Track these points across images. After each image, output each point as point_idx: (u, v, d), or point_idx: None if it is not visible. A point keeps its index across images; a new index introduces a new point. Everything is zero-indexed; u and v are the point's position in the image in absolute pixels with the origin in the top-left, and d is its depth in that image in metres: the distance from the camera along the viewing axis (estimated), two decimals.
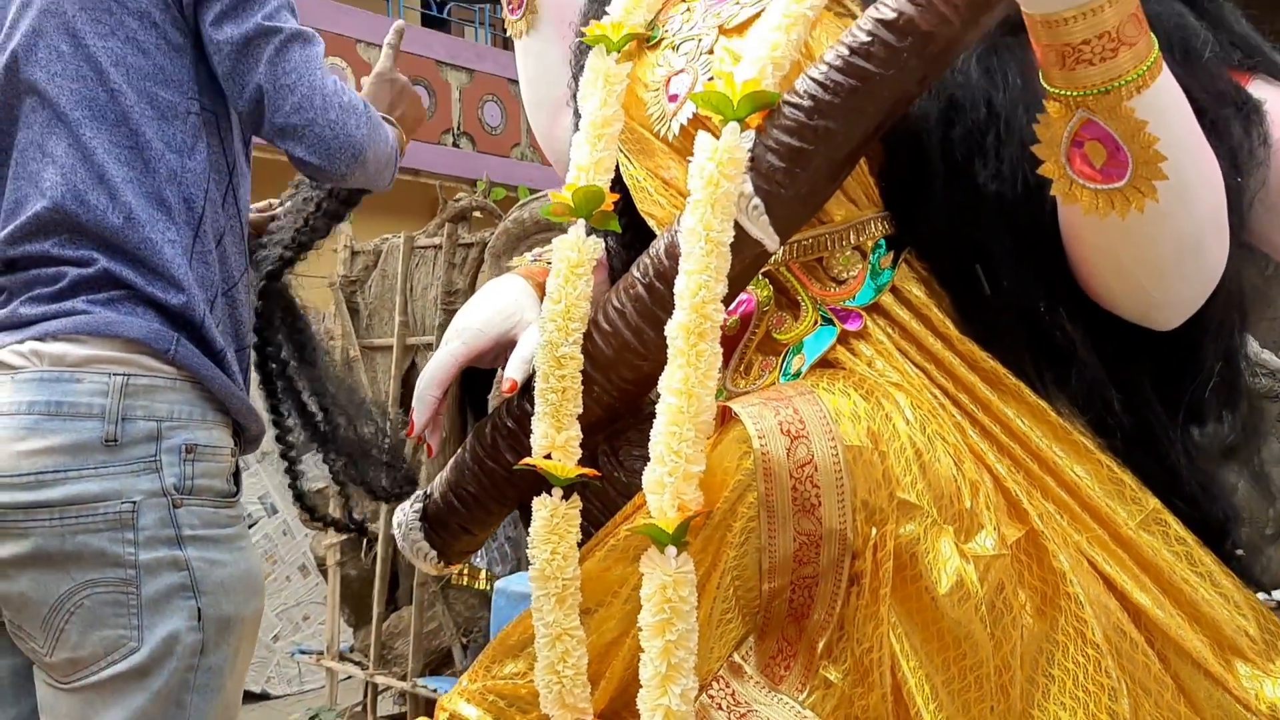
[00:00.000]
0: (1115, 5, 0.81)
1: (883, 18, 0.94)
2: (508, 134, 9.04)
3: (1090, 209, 0.89)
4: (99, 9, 1.33)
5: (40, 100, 1.33)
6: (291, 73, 1.35)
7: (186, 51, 1.37)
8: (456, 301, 3.40)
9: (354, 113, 1.39)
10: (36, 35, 1.33)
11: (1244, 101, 1.03)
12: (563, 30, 1.59)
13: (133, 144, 1.32)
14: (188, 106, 1.37)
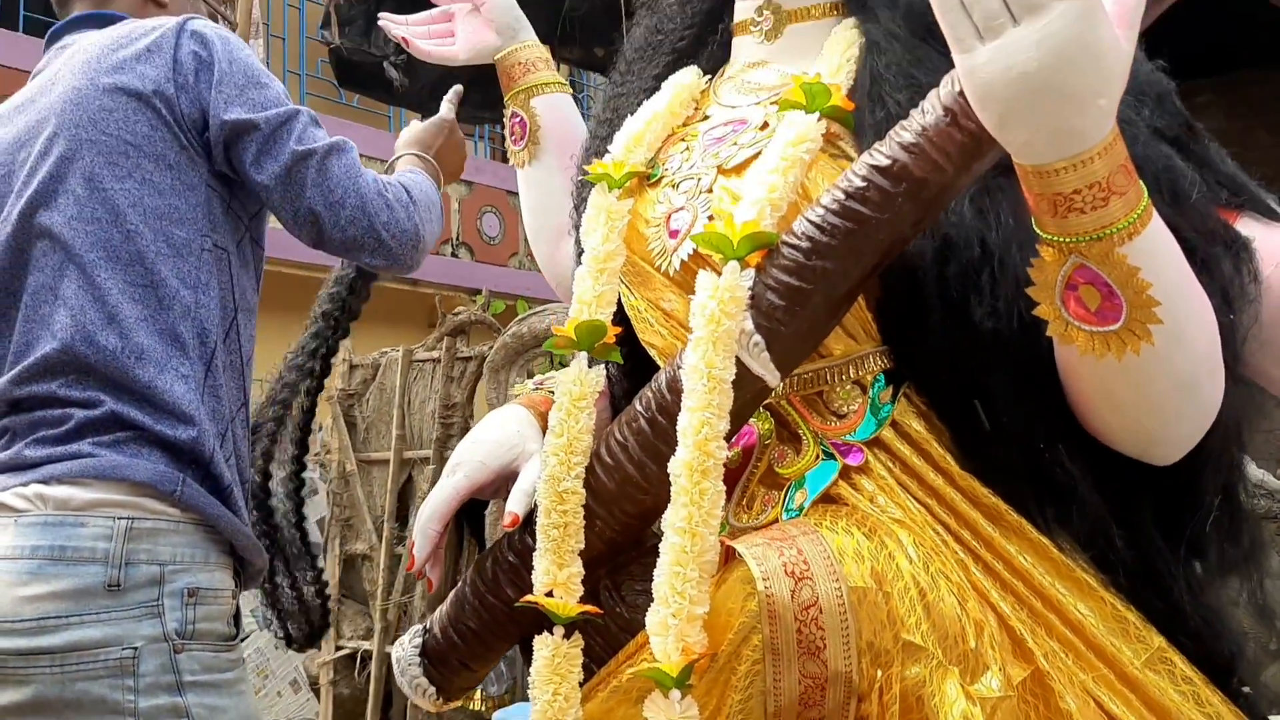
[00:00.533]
0: (1105, 157, 0.83)
1: (877, 164, 0.96)
2: (506, 244, 9.16)
3: (1087, 350, 0.90)
4: (116, 152, 1.36)
5: (54, 244, 1.35)
6: (338, 188, 1.41)
7: (200, 190, 1.41)
8: (454, 415, 3.41)
9: (401, 205, 1.46)
10: (55, 181, 1.37)
11: (1233, 239, 1.05)
12: (564, 160, 1.63)
13: (147, 282, 1.34)
14: (201, 244, 1.39)
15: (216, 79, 1.41)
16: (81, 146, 1.37)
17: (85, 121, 1.37)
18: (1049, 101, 0.81)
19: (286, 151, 1.40)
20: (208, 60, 1.42)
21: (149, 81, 1.39)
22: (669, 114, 1.29)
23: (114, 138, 1.37)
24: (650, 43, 1.39)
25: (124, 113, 1.38)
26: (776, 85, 1.24)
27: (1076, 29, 0.79)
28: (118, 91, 1.39)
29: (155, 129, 1.38)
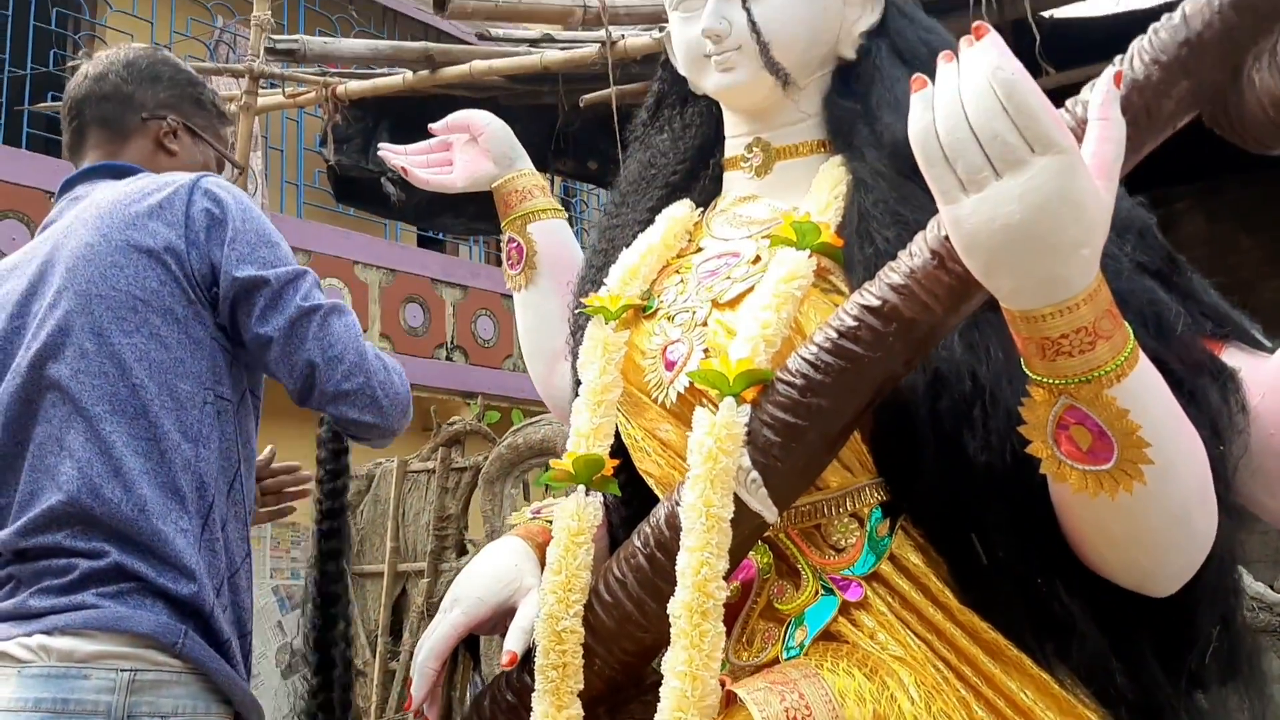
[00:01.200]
0: (1090, 303, 0.85)
1: (868, 304, 0.98)
2: (500, 347, 9.20)
3: (1080, 488, 0.91)
4: (125, 307, 1.39)
5: (62, 396, 1.37)
6: (338, 343, 1.44)
7: (205, 344, 1.43)
8: (449, 528, 3.40)
9: (395, 372, 1.50)
10: (64, 334, 1.39)
11: (1219, 370, 1.06)
12: (559, 284, 1.66)
13: (151, 435, 1.36)
14: (204, 396, 1.41)
15: (230, 237, 1.44)
16: (91, 301, 1.39)
17: (96, 276, 1.40)
18: (1033, 252, 0.83)
19: (292, 306, 1.43)
20: (220, 218, 1.45)
21: (160, 238, 1.42)
22: (663, 246, 1.32)
23: (123, 293, 1.39)
24: (644, 176, 1.43)
25: (134, 268, 1.41)
26: (767, 219, 1.27)
27: (1057, 183, 0.81)
28: (129, 247, 1.41)
29: (164, 284, 1.41)
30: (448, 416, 4.15)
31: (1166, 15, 0.89)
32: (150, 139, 1.64)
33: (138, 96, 1.63)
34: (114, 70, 1.64)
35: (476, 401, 4.32)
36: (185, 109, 1.67)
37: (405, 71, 2.97)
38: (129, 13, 7.03)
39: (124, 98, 1.62)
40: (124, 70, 1.64)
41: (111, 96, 1.62)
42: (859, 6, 1.28)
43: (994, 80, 0.82)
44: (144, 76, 1.65)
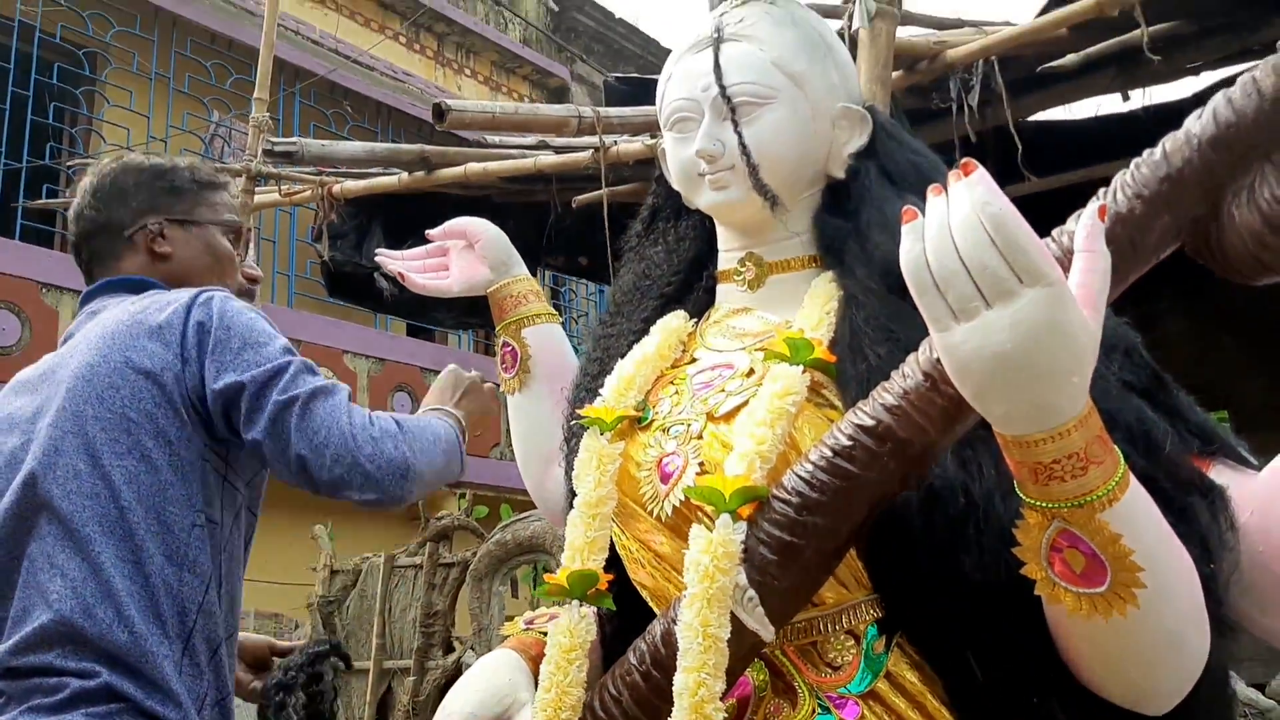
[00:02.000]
0: (1081, 429, 0.87)
1: (862, 424, 1.00)
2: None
3: (1075, 610, 0.92)
4: (118, 428, 1.40)
5: (54, 515, 1.38)
6: (320, 430, 1.44)
7: (196, 466, 1.44)
8: (436, 624, 3.36)
9: (388, 437, 1.48)
10: (56, 454, 1.40)
11: (1208, 488, 1.08)
12: (553, 389, 1.67)
13: (136, 558, 1.37)
14: (192, 519, 1.42)
15: (211, 346, 1.46)
16: (86, 421, 1.41)
17: (93, 397, 1.42)
18: (1024, 380, 0.85)
19: (270, 403, 1.44)
20: (207, 329, 1.47)
21: (157, 359, 1.44)
22: (658, 357, 1.34)
23: (118, 414, 1.41)
24: (639, 287, 1.45)
25: (130, 390, 1.42)
26: (760, 332, 1.29)
27: (1047, 313, 0.84)
28: (127, 368, 1.43)
29: (159, 406, 1.43)
30: (436, 509, 4.13)
31: (1148, 151, 0.92)
32: (142, 251, 1.66)
33: (113, 219, 1.65)
34: (85, 205, 1.67)
35: (465, 496, 4.31)
36: (162, 205, 1.67)
37: (401, 172, 3.02)
38: (126, 107, 7.14)
39: (101, 226, 1.65)
40: (92, 200, 1.66)
41: (93, 232, 1.65)
42: (848, 129, 1.31)
43: (983, 214, 0.84)
44: (111, 197, 1.66)
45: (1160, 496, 0.98)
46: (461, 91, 10.30)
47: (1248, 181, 0.88)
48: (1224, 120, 0.89)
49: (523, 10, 11.24)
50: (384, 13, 9.81)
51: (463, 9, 10.44)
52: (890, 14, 1.72)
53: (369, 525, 7.25)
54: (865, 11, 1.71)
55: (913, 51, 2.22)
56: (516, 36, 11.05)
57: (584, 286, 10.22)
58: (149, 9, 7.54)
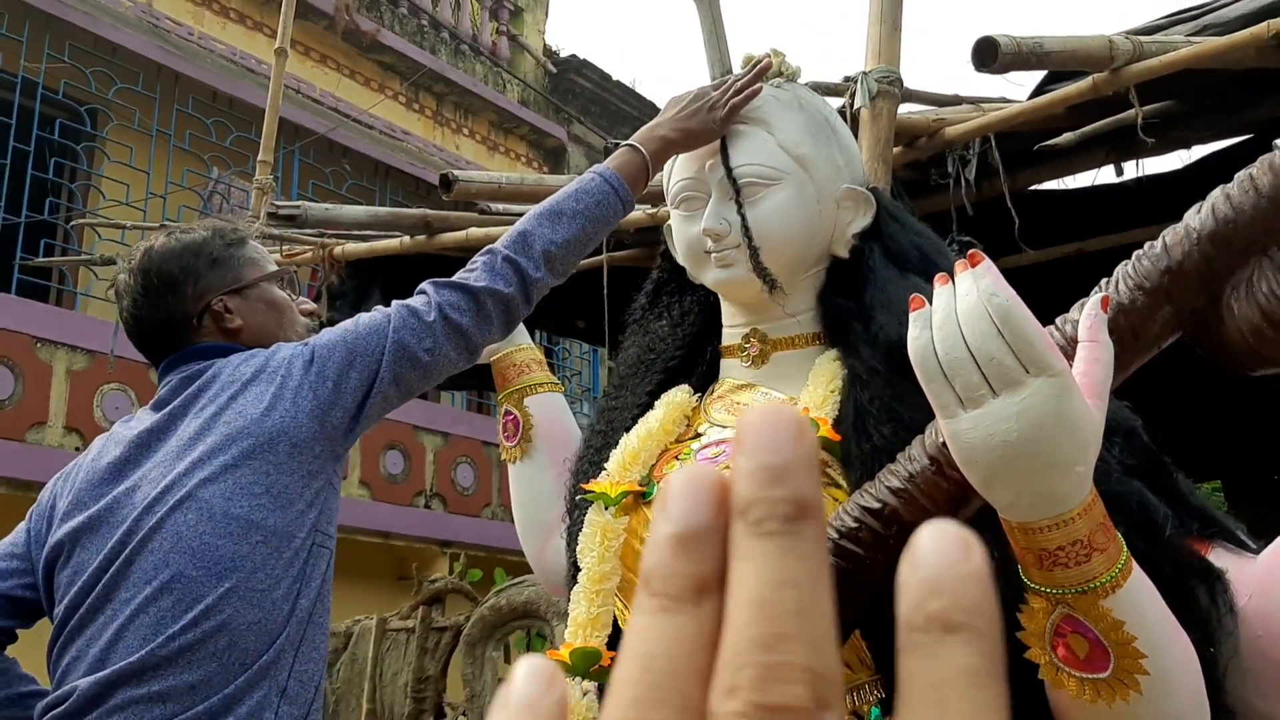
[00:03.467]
0: (1085, 517, 0.89)
1: (868, 506, 1.01)
2: (479, 494, 9.15)
3: (1078, 695, 0.92)
4: (260, 450, 1.50)
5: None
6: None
7: (323, 486, 1.54)
8: (427, 690, 3.32)
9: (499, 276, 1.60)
10: (199, 481, 1.47)
11: (1208, 572, 1.09)
12: (555, 458, 1.68)
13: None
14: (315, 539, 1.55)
15: (316, 378, 1.54)
16: (230, 446, 1.48)
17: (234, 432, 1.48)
18: (1030, 468, 0.87)
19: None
20: (319, 357, 1.55)
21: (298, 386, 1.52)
22: (662, 431, 1.35)
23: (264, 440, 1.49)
24: (643, 360, 1.47)
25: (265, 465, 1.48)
26: None
27: (1052, 403, 0.86)
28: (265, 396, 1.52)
29: (279, 467, 1.48)
30: (428, 570, 4.10)
31: (1149, 244, 0.95)
32: (213, 330, 1.67)
33: (175, 312, 1.65)
34: (141, 307, 1.66)
35: (459, 558, 4.29)
36: (213, 280, 1.68)
37: (402, 235, 3.05)
38: (125, 163, 7.20)
39: (165, 323, 1.65)
40: (143, 298, 1.65)
41: (157, 330, 1.66)
42: (852, 209, 1.34)
43: (989, 305, 0.87)
44: (163, 292, 1.65)
45: (1160, 579, 0.99)
46: (460, 151, 10.40)
47: (1246, 275, 0.90)
48: (1223, 216, 0.91)
49: (521, 71, 11.39)
50: (384, 73, 9.94)
51: (462, 70, 10.57)
52: (891, 94, 1.75)
53: (360, 587, 7.19)
54: (867, 91, 1.75)
55: (912, 128, 2.27)
56: (515, 97, 11.18)
57: (578, 346, 10.25)
58: (152, 67, 7.63)
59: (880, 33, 1.82)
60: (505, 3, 11.25)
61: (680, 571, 0.27)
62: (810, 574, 0.27)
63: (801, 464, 0.27)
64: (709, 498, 0.28)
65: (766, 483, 0.27)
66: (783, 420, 0.28)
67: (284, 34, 3.30)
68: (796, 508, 0.27)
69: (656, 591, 0.27)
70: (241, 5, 9.04)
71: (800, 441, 0.28)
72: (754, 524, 0.27)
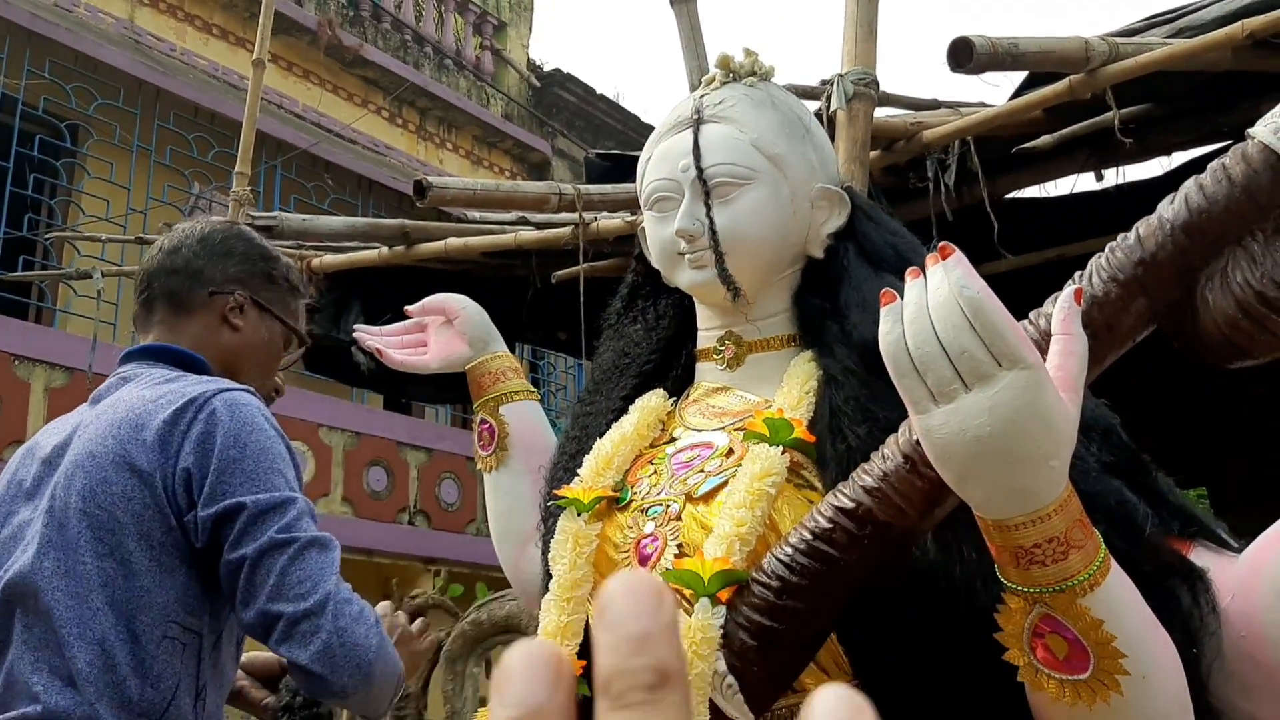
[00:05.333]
0: (1061, 513, 0.87)
1: (842, 506, 0.99)
2: (463, 511, 9.11)
3: (1058, 697, 0.91)
4: (104, 528, 1.38)
5: (39, 610, 1.37)
6: (305, 581, 1.35)
7: (177, 574, 1.40)
8: (408, 707, 3.28)
9: (364, 621, 1.37)
10: (47, 547, 1.39)
11: (1189, 571, 1.07)
12: (531, 466, 1.66)
13: (104, 664, 1.35)
14: (164, 630, 1.38)
15: (217, 462, 1.40)
16: (75, 516, 1.38)
17: (86, 491, 1.39)
18: (1003, 464, 0.85)
19: (264, 537, 1.36)
20: (211, 441, 1.41)
21: (153, 461, 1.39)
22: (636, 436, 1.33)
23: (106, 513, 1.37)
24: (618, 365, 1.45)
25: (121, 488, 1.38)
26: (739, 411, 1.28)
27: (1025, 397, 0.84)
28: (123, 465, 1.39)
29: (147, 508, 1.38)
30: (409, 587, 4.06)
31: (1122, 235, 0.93)
32: (215, 314, 1.63)
33: (207, 271, 1.63)
34: (187, 245, 1.65)
35: (440, 574, 4.25)
36: (254, 284, 1.67)
37: (380, 246, 3.03)
38: (106, 179, 7.16)
39: (194, 272, 1.63)
40: (197, 245, 1.65)
41: (182, 270, 1.62)
42: (827, 209, 1.32)
43: (961, 298, 0.85)
44: (216, 251, 1.65)
45: (1141, 579, 0.97)
46: (443, 165, 10.39)
47: (1220, 266, 0.89)
48: (1196, 206, 0.90)
49: (505, 86, 11.39)
50: (367, 88, 9.92)
51: (445, 84, 10.56)
52: (868, 96, 1.74)
53: None
54: (843, 93, 1.74)
55: (890, 132, 2.26)
56: (498, 111, 11.18)
57: (562, 360, 10.23)
58: (133, 82, 7.60)
59: (856, 35, 1.81)
60: (489, 17, 11.26)
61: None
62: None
63: (663, 631, 0.27)
64: (545, 677, 0.28)
65: (628, 654, 0.27)
66: (642, 589, 0.28)
67: (262, 46, 3.28)
68: (658, 675, 0.27)
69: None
70: (224, 21, 9.02)
71: (660, 610, 0.28)
72: (615, 697, 0.27)
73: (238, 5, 8.96)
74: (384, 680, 1.37)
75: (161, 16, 8.59)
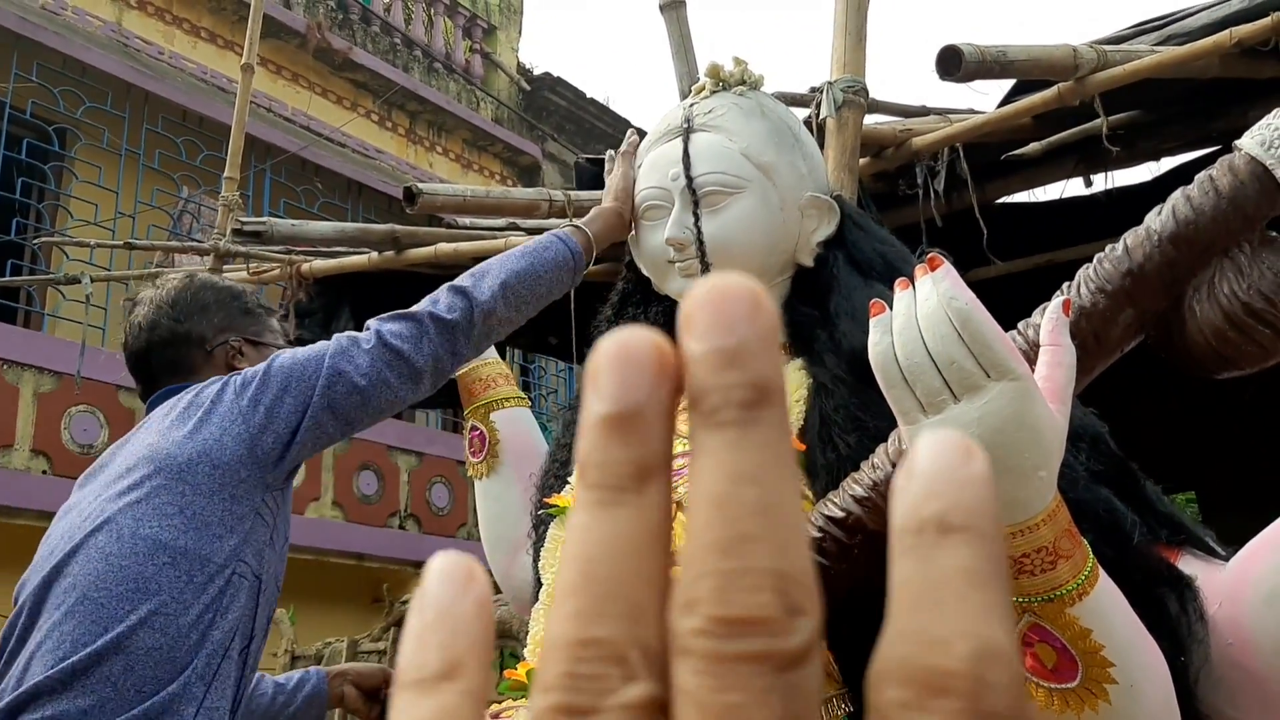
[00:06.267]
0: (1049, 523, 0.87)
1: (832, 515, 0.99)
2: (454, 515, 9.09)
3: (1046, 706, 0.91)
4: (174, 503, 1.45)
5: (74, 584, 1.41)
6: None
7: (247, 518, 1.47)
8: None
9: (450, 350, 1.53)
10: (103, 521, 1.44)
11: (1177, 579, 1.08)
12: (522, 473, 1.66)
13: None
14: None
15: (254, 393, 1.50)
16: (144, 494, 1.45)
17: (155, 472, 1.46)
18: (992, 474, 0.85)
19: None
20: (248, 382, 1.52)
21: (213, 428, 1.48)
22: None
23: (178, 491, 1.44)
24: None
25: (187, 459, 1.46)
26: None
27: (1014, 407, 0.84)
28: (188, 442, 1.47)
29: (216, 469, 1.45)
30: (400, 592, 4.05)
31: (1110, 246, 0.94)
32: (220, 365, 1.68)
33: (195, 332, 1.67)
34: (163, 315, 1.68)
35: None
36: (239, 324, 1.72)
37: (370, 251, 3.02)
38: (94, 183, 7.13)
39: (183, 338, 1.67)
40: (171, 311, 1.68)
41: (171, 340, 1.66)
42: (816, 217, 1.33)
43: (949, 309, 0.85)
44: (193, 310, 1.69)
45: (1129, 587, 0.97)
46: (433, 169, 10.37)
47: (1208, 277, 0.90)
48: (1183, 217, 0.90)
49: (494, 89, 11.38)
50: (356, 91, 9.90)
51: (435, 87, 10.55)
52: (857, 103, 1.75)
53: (331, 609, 7.12)
54: (832, 101, 1.74)
55: (879, 139, 2.26)
56: (488, 115, 11.17)
57: (553, 364, 10.22)
58: (121, 86, 7.57)
59: (845, 43, 1.81)
60: (478, 21, 11.25)
61: (617, 457, 0.24)
62: (774, 466, 0.23)
63: (759, 343, 0.24)
64: (646, 368, 0.25)
65: (720, 367, 0.24)
66: (735, 293, 0.24)
67: (250, 50, 3.27)
68: (755, 392, 0.24)
69: (592, 483, 0.24)
70: (213, 24, 9.00)
71: (756, 316, 0.24)
72: (708, 414, 0.24)
73: (225, 8, 8.94)
74: (456, 343, 1.55)
75: (149, 20, 8.56)
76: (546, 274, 1.54)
